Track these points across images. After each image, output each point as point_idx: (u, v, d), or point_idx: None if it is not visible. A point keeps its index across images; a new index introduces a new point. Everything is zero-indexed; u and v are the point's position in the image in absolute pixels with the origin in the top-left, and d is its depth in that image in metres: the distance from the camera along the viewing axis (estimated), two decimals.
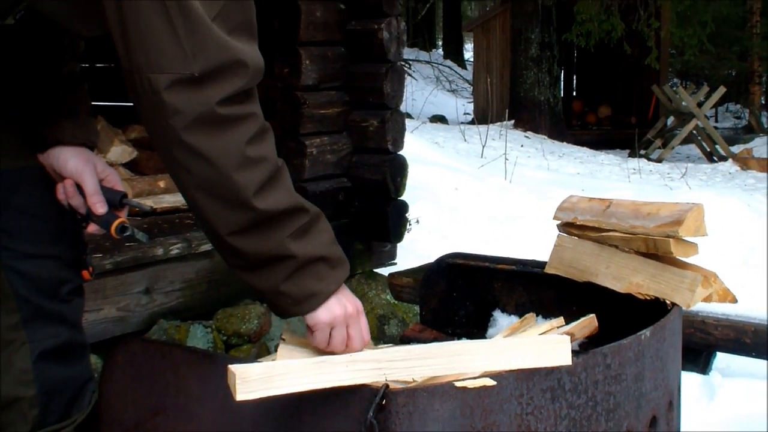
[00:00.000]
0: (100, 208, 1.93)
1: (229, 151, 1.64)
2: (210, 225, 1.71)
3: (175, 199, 3.77)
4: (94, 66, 5.08)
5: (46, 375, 1.95)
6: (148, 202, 3.63)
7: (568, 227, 2.38)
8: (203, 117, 1.61)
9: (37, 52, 1.98)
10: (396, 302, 4.19)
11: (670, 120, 14.12)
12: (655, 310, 2.03)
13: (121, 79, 1.69)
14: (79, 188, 1.94)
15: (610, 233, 2.22)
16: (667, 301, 2.05)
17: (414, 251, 4.80)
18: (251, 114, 1.69)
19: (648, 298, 2.10)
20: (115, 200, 1.96)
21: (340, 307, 1.79)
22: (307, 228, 1.76)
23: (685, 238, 2.06)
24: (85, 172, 1.94)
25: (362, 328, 1.84)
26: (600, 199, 2.33)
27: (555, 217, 2.41)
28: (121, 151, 4.08)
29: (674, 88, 14.70)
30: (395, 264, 4.59)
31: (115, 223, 1.92)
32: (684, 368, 2.34)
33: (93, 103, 2.10)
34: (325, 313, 1.77)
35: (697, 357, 3.53)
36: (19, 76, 1.97)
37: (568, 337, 1.62)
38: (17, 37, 1.93)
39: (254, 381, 1.45)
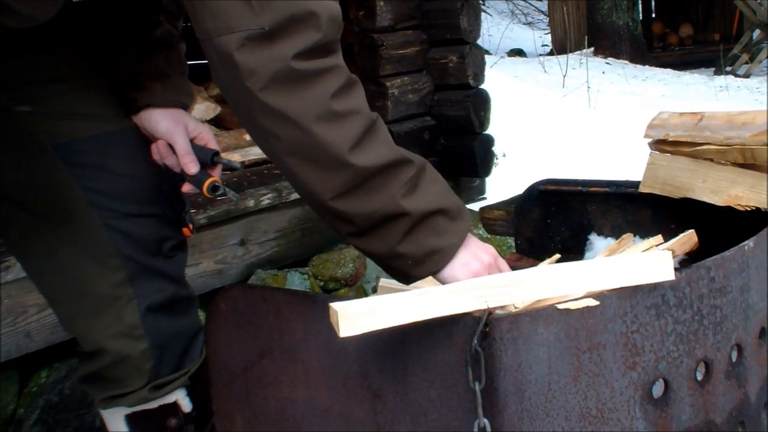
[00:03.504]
0: (192, 168, 1.95)
1: (312, 108, 1.56)
2: (310, 191, 1.63)
3: (262, 151, 3.80)
4: None
5: (155, 329, 2.00)
6: (235, 156, 3.67)
7: (660, 144, 2.33)
8: (280, 74, 1.54)
9: (128, 17, 1.99)
10: (489, 236, 4.17)
11: (756, 33, 13.69)
12: (756, 220, 1.98)
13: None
14: (173, 148, 1.97)
15: (705, 147, 2.16)
16: None
17: (502, 185, 4.77)
18: (334, 66, 1.60)
19: (748, 209, 2.05)
20: (207, 159, 1.99)
21: (477, 261, 1.72)
22: (417, 181, 1.66)
23: None
24: (175, 133, 1.96)
25: (505, 270, 1.77)
26: (691, 113, 2.27)
27: (646, 135, 2.36)
28: (204, 108, 4.13)
29: (758, 0, 14.24)
30: (485, 198, 4.58)
31: (207, 182, 1.94)
32: None
33: None
34: (463, 271, 1.70)
35: None
36: (111, 41, 1.99)
37: (670, 252, 1.60)
38: (104, 5, 1.94)
39: (356, 316, 1.45)
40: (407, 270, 1.69)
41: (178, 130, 1.97)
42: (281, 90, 1.55)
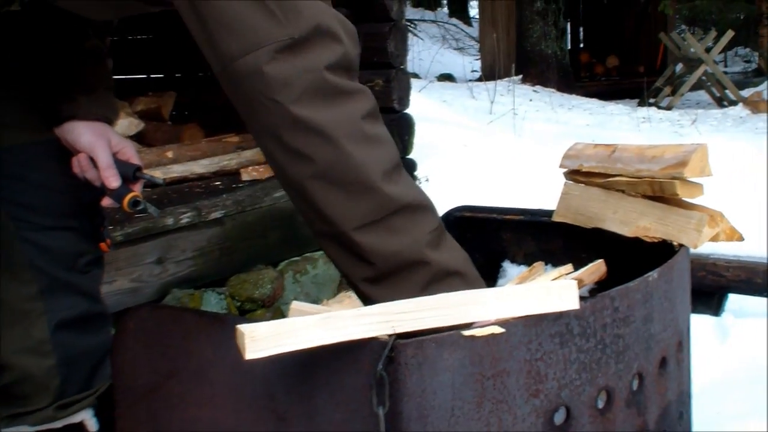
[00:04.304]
0: (114, 182, 1.93)
1: (347, 125, 1.51)
2: (332, 221, 1.55)
3: (183, 169, 3.78)
4: None
5: (64, 345, 1.98)
6: (157, 173, 3.64)
7: (574, 175, 2.38)
8: (314, 85, 1.49)
9: (56, 29, 1.97)
10: None
11: (679, 67, 14.03)
12: (663, 252, 2.02)
13: (125, 52, 1.65)
14: (94, 162, 1.95)
15: (616, 178, 2.21)
16: (675, 243, 2.05)
17: None
18: (363, 89, 1.56)
19: (655, 240, 2.09)
20: (129, 174, 1.97)
21: None
22: (441, 235, 1.62)
23: (691, 179, 2.05)
24: (97, 146, 1.94)
25: None
26: (605, 145, 2.32)
27: (561, 165, 2.41)
28: (128, 124, 4.09)
29: (682, 35, 14.59)
30: None
31: (128, 197, 1.93)
32: (696, 311, 2.34)
33: None
34: None
35: (710, 299, 3.54)
36: (36, 52, 1.97)
37: (575, 282, 1.62)
38: (32, 17, 1.92)
39: (263, 339, 1.44)
40: None
41: (101, 144, 1.95)
42: (314, 103, 1.49)
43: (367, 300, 1.62)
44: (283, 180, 1.58)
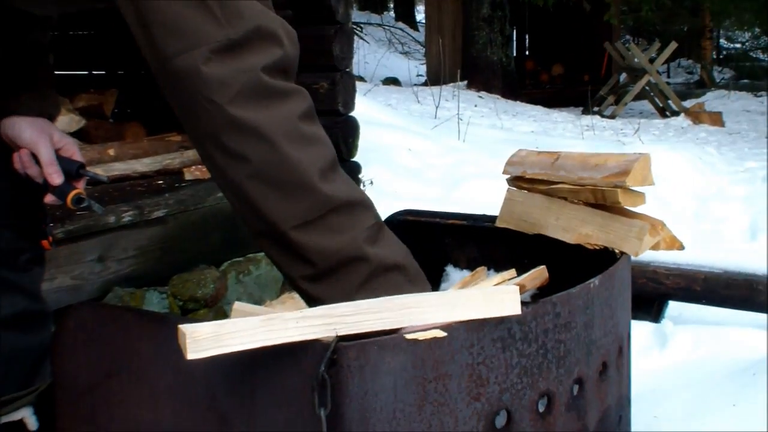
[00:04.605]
0: (57, 178, 1.91)
1: (283, 125, 1.52)
2: (270, 221, 1.55)
3: (126, 167, 3.74)
4: None
5: (3, 343, 1.94)
6: (98, 171, 3.60)
7: (517, 181, 2.39)
8: (250, 86, 1.50)
9: None
10: None
11: (623, 77, 14.22)
12: (604, 259, 2.05)
13: (66, 47, 1.63)
14: (36, 158, 1.92)
15: (559, 185, 2.23)
16: (616, 250, 2.07)
17: None
18: (300, 89, 1.57)
19: (597, 248, 2.12)
20: (72, 170, 1.94)
21: None
22: (379, 231, 1.63)
23: (633, 188, 2.07)
24: (39, 143, 1.92)
25: None
26: (549, 152, 2.34)
27: (504, 171, 2.42)
28: (68, 120, 4.03)
29: (626, 45, 14.77)
30: None
31: (71, 194, 1.90)
32: (637, 317, 2.37)
33: None
34: None
35: (650, 306, 3.58)
36: None
37: (517, 288, 1.63)
38: None
39: (205, 339, 1.44)
40: None
41: (43, 140, 1.93)
42: (250, 103, 1.50)
43: (307, 297, 1.63)
44: (219, 180, 1.59)
